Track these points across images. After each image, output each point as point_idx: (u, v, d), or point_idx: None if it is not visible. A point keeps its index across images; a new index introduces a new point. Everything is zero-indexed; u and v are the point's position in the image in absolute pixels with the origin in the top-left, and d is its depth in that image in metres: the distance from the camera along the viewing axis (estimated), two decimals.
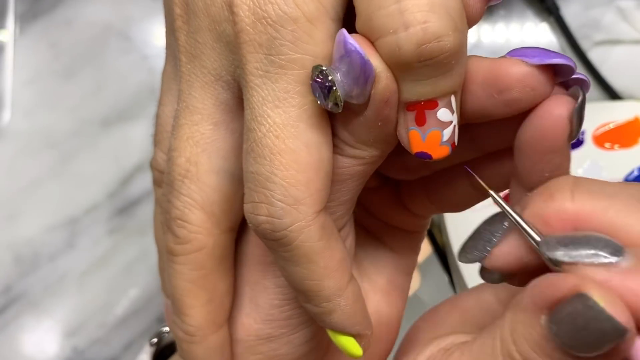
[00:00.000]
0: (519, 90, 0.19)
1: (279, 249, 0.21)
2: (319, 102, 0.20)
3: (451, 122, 0.20)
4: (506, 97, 0.19)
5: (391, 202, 0.27)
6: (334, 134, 0.21)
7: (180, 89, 0.23)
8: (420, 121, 0.19)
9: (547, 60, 0.19)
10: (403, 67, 0.19)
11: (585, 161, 0.50)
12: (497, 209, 0.20)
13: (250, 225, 0.21)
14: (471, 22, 0.20)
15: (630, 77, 0.54)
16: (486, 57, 0.20)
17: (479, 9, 0.20)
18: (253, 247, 0.25)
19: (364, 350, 0.23)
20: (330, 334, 0.23)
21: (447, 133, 0.20)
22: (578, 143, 0.51)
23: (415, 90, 0.19)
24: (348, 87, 0.19)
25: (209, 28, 0.22)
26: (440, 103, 0.19)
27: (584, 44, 0.54)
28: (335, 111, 0.19)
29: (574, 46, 0.54)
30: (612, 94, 0.53)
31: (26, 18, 0.56)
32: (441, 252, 0.50)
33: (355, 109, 0.20)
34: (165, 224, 0.25)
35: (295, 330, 0.25)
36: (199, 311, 0.25)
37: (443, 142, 0.20)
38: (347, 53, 0.19)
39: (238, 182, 0.24)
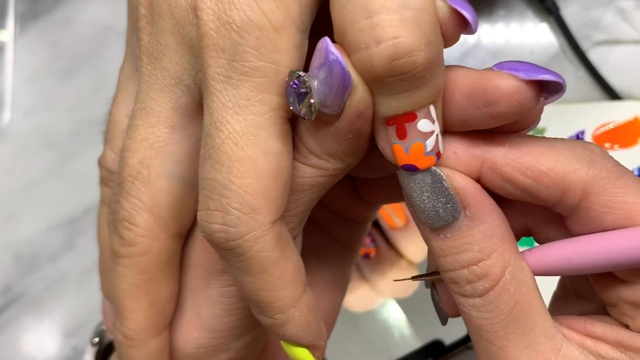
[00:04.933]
0: (507, 104, 0.19)
1: (233, 258, 0.21)
2: (291, 107, 0.19)
3: (433, 131, 0.19)
4: (492, 110, 0.19)
5: (347, 191, 0.27)
6: (301, 141, 0.21)
7: (139, 90, 0.23)
8: (402, 134, 0.19)
9: (537, 76, 0.19)
10: (377, 81, 0.18)
11: None
12: None
13: (203, 234, 0.21)
14: (446, 44, 0.19)
15: (630, 77, 0.53)
16: (473, 69, 0.20)
17: (453, 37, 0.19)
18: (200, 254, 0.24)
19: None
20: (284, 345, 0.23)
21: (430, 143, 0.19)
22: None
23: (392, 104, 0.19)
24: (324, 95, 0.19)
25: (173, 30, 0.21)
26: (419, 115, 0.19)
27: (584, 44, 0.54)
28: (308, 118, 0.19)
29: (574, 46, 0.54)
30: (612, 94, 0.53)
31: (26, 18, 0.56)
32: None
33: (327, 119, 0.20)
34: (112, 224, 0.24)
35: (236, 339, 0.25)
36: (139, 315, 0.24)
37: (427, 153, 0.20)
38: (328, 61, 0.18)
39: (190, 187, 0.23)
